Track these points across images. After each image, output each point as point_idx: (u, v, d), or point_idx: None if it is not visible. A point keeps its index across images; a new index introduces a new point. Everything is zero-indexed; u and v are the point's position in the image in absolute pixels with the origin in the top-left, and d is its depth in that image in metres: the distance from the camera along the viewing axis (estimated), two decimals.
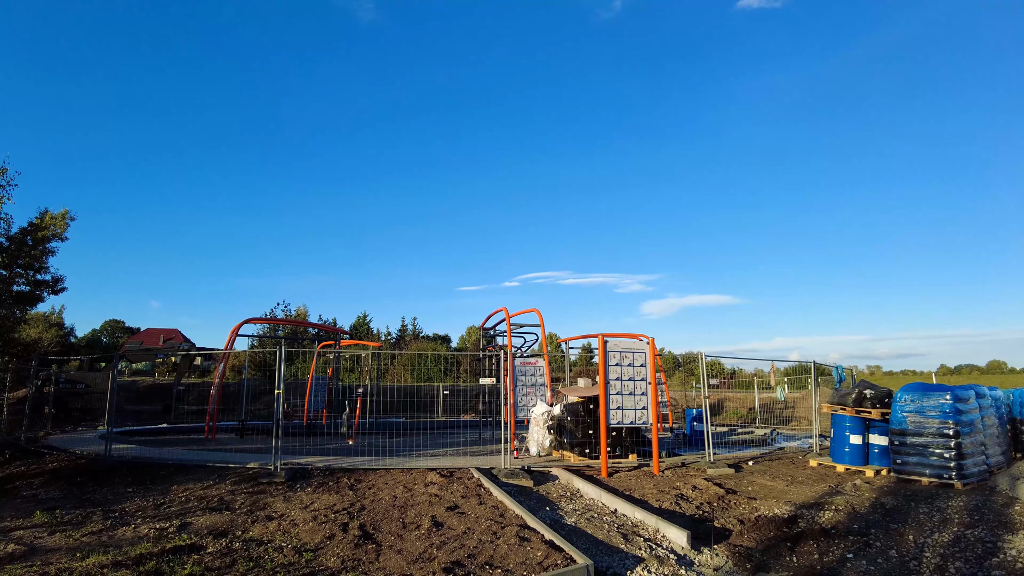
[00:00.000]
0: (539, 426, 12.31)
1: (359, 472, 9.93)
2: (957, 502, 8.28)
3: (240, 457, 11.12)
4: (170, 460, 10.73)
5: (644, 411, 10.70)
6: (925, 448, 9.56)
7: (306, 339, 28.09)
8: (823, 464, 11.30)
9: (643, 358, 10.84)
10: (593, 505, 8.45)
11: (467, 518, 7.40)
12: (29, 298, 25.12)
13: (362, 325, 57.37)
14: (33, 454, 11.99)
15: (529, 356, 18.99)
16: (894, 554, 6.47)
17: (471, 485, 9.10)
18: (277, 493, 8.63)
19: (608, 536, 7.02)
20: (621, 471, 10.28)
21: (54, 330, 44.25)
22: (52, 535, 6.77)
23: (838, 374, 16.04)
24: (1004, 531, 6.82)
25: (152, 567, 5.60)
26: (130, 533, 6.88)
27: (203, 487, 9.02)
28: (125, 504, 8.25)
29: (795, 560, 6.48)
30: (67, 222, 24.93)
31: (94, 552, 6.06)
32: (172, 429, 18.53)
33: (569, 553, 6.05)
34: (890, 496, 8.78)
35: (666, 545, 6.82)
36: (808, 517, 7.84)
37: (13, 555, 6.06)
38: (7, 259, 20.39)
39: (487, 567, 5.79)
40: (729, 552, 6.67)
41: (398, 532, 6.97)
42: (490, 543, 6.44)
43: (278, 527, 7.12)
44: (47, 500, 8.67)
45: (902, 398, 10.02)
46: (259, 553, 6.20)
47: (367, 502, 8.18)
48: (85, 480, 9.67)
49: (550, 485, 9.55)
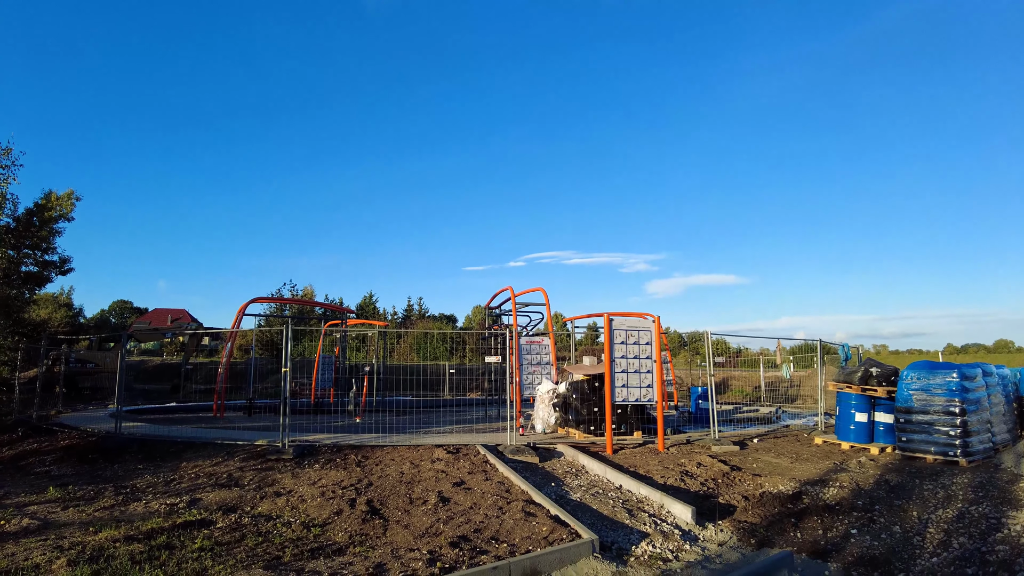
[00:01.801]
0: (544, 404, 12.36)
1: (366, 449, 10.02)
2: (961, 479, 8.29)
3: (248, 435, 11.23)
4: (179, 438, 10.85)
5: (649, 389, 10.73)
6: (930, 426, 9.56)
7: (313, 318, 28.18)
8: (828, 442, 11.33)
9: (648, 336, 10.83)
10: (598, 481, 8.51)
11: (473, 494, 7.47)
12: (37, 278, 25.27)
13: (368, 305, 57.54)
14: (45, 432, 12.15)
15: (534, 335, 19.03)
16: (898, 530, 6.50)
17: (477, 461, 9.17)
18: (285, 470, 8.72)
19: (613, 511, 7.08)
20: (626, 448, 10.34)
21: (63, 310, 44.59)
22: (65, 510, 6.89)
23: (844, 352, 15.99)
24: (1008, 507, 6.83)
25: (163, 541, 5.69)
26: (141, 508, 6.99)
27: (212, 464, 9.13)
28: (136, 480, 8.36)
29: (799, 536, 6.53)
30: (73, 203, 24.96)
31: (107, 526, 6.15)
32: (181, 408, 18.70)
33: (574, 528, 6.11)
34: (894, 473, 8.80)
35: (671, 521, 6.88)
36: (812, 494, 7.88)
37: (28, 529, 6.16)
38: (14, 240, 20.47)
39: (493, 542, 5.85)
40: (733, 528, 6.71)
41: (405, 507, 7.04)
42: (496, 518, 6.50)
43: (286, 503, 7.21)
44: (60, 476, 8.80)
45: (908, 376, 10.00)
46: (268, 528, 6.29)
47: (374, 478, 8.26)
48: (96, 457, 9.80)
49: (555, 461, 9.62)
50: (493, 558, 5.33)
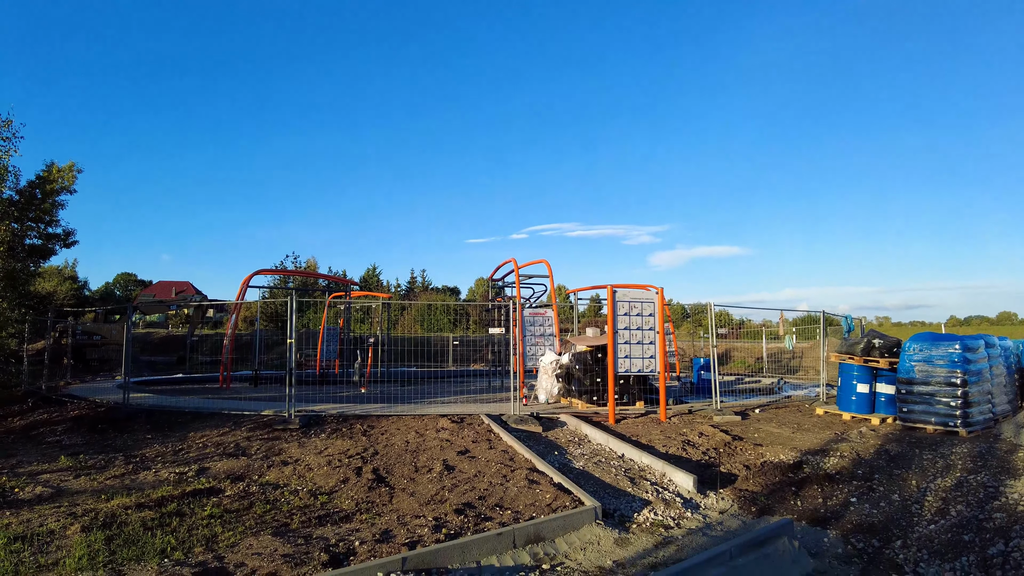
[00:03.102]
0: (547, 374, 12.45)
1: (372, 418, 10.13)
2: (961, 449, 8.36)
3: (255, 405, 11.36)
4: (187, 408, 10.99)
5: (652, 360, 10.78)
6: (932, 397, 9.61)
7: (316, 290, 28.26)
8: (829, 412, 11.41)
9: (651, 308, 10.85)
10: (600, 450, 8.61)
11: (477, 462, 7.57)
12: (42, 251, 25.33)
13: (372, 277, 57.63)
14: (55, 402, 12.31)
15: (538, 307, 19.06)
16: (897, 498, 6.59)
17: (481, 430, 9.28)
18: (292, 439, 8.84)
19: (615, 480, 7.17)
20: (628, 418, 10.43)
21: (68, 283, 44.81)
22: (77, 478, 7.01)
23: (847, 324, 16.01)
24: (1006, 476, 6.90)
25: (174, 508, 5.80)
26: (151, 477, 7.11)
27: (219, 434, 9.25)
28: (145, 450, 8.49)
29: (799, 504, 6.62)
30: (75, 175, 24.87)
31: (118, 494, 6.27)
32: (187, 379, 18.90)
33: (577, 495, 6.20)
34: (895, 443, 8.88)
35: (672, 489, 6.97)
36: (813, 463, 7.97)
37: (42, 497, 6.29)
38: (17, 212, 20.46)
39: (497, 508, 5.95)
40: (735, 496, 6.81)
41: (410, 475, 7.15)
42: (500, 486, 6.60)
43: (293, 471, 7.32)
44: (70, 446, 8.94)
45: (911, 348, 10.02)
46: (275, 496, 6.40)
47: (380, 447, 8.37)
48: (106, 427, 9.94)
49: (558, 431, 9.72)
50: (497, 524, 5.42)
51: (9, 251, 15.91)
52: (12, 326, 15.20)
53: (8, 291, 15.50)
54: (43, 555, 4.67)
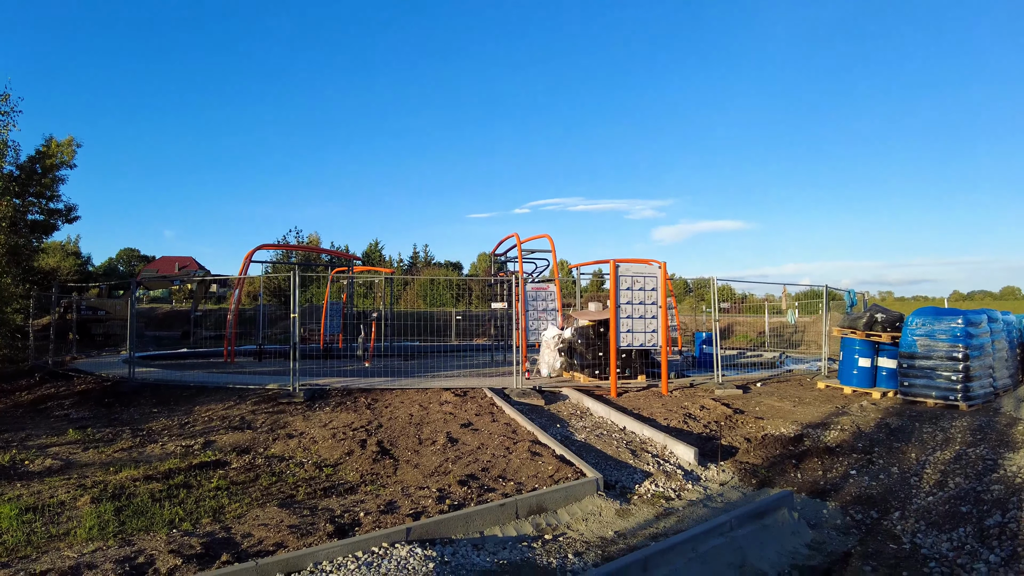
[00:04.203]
0: (550, 348, 12.49)
1: (376, 392, 10.21)
2: (961, 422, 8.41)
3: (259, 379, 11.45)
4: (192, 382, 11.08)
5: (654, 334, 10.81)
6: (933, 371, 9.63)
7: (319, 266, 28.26)
8: (831, 386, 11.46)
9: (654, 282, 10.84)
10: (602, 423, 8.67)
11: (480, 434, 7.64)
12: (44, 227, 25.33)
13: (374, 252, 57.62)
14: (61, 377, 12.42)
15: (540, 282, 19.06)
16: (896, 470, 6.65)
17: (484, 404, 9.35)
18: (296, 412, 8.92)
19: (617, 452, 7.24)
20: (630, 391, 10.49)
21: (71, 259, 44.91)
22: (85, 451, 7.10)
23: (850, 298, 15.97)
24: (1005, 449, 6.95)
25: (181, 481, 5.88)
26: (158, 450, 7.20)
27: (225, 407, 9.34)
28: (151, 423, 8.59)
29: (799, 476, 6.69)
30: (74, 149, 24.75)
31: (126, 467, 6.36)
32: (192, 354, 19.01)
33: (579, 467, 6.27)
34: (895, 417, 8.93)
35: (673, 461, 7.04)
36: (814, 436, 8.03)
37: (51, 469, 6.38)
38: (19, 188, 20.41)
39: (500, 480, 6.02)
40: (735, 468, 6.87)
41: (414, 448, 7.23)
42: (503, 457, 6.67)
43: (298, 444, 7.40)
44: (78, 419, 9.04)
45: (913, 322, 10.02)
46: (281, 468, 6.48)
47: (384, 420, 8.45)
48: (112, 401, 10.04)
49: (560, 404, 9.80)
50: (500, 496, 5.50)
51: (11, 226, 15.90)
52: (17, 301, 15.27)
53: (12, 267, 15.53)
54: (54, 525, 4.75)
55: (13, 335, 15.00)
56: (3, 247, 15.05)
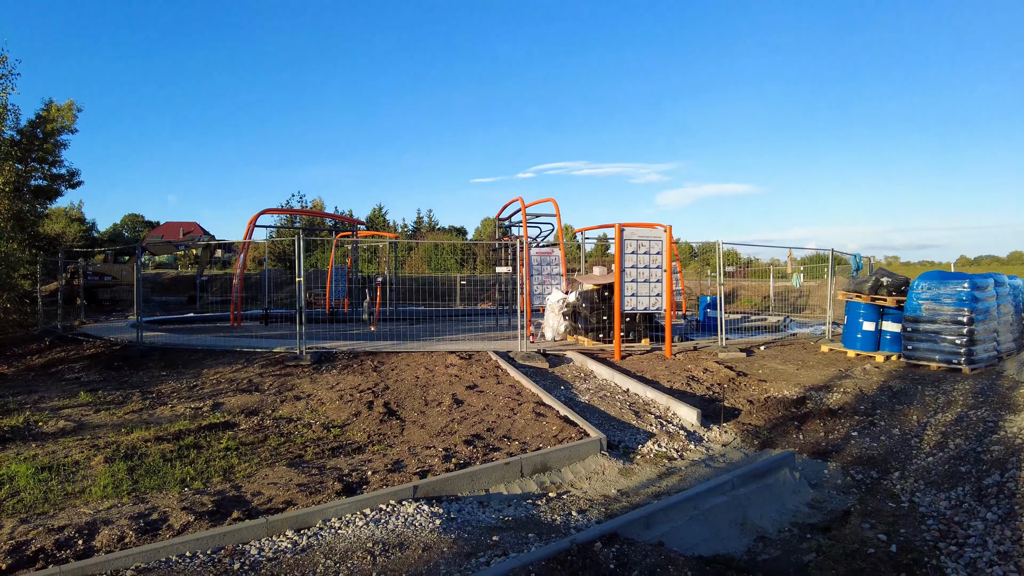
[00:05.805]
0: (554, 312, 12.52)
1: (382, 355, 10.29)
2: (963, 385, 8.44)
3: (266, 343, 11.54)
4: (199, 346, 11.17)
5: (659, 298, 10.81)
6: (937, 335, 9.63)
7: (323, 230, 28.21)
8: (834, 350, 11.49)
9: (659, 246, 10.79)
10: (606, 385, 8.75)
11: (486, 396, 7.73)
12: (47, 192, 25.29)
13: (378, 217, 57.34)
14: (71, 341, 12.55)
15: (545, 246, 18.99)
16: (897, 432, 6.71)
17: (489, 366, 9.42)
18: (304, 375, 9.02)
19: (620, 413, 7.32)
20: (634, 354, 10.55)
21: (76, 225, 44.90)
22: (97, 413, 7.22)
23: (856, 262, 15.88)
24: (1006, 411, 6.99)
25: (191, 441, 5.99)
26: (168, 412, 7.31)
27: (232, 370, 9.44)
28: (161, 386, 8.70)
29: (801, 437, 6.76)
30: (74, 114, 24.54)
31: (137, 428, 6.47)
32: (198, 318, 19.13)
33: (583, 427, 6.35)
34: (898, 380, 8.97)
35: (676, 422, 7.11)
36: (816, 398, 8.08)
37: (65, 430, 6.50)
38: (20, 152, 20.30)
39: (505, 440, 6.11)
40: (738, 429, 6.95)
41: (420, 409, 7.32)
42: (508, 418, 6.76)
43: (306, 406, 7.50)
44: (89, 382, 9.17)
45: (919, 286, 9.98)
46: (289, 429, 6.59)
47: (390, 382, 8.54)
48: (121, 364, 10.16)
49: (565, 367, 9.87)
50: (505, 455, 5.58)
51: (15, 191, 15.88)
52: (24, 267, 15.34)
53: (17, 232, 15.56)
54: (70, 484, 4.87)
55: (22, 300, 15.11)
56: (7, 212, 15.06)
